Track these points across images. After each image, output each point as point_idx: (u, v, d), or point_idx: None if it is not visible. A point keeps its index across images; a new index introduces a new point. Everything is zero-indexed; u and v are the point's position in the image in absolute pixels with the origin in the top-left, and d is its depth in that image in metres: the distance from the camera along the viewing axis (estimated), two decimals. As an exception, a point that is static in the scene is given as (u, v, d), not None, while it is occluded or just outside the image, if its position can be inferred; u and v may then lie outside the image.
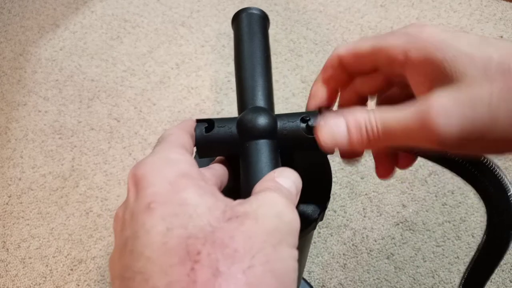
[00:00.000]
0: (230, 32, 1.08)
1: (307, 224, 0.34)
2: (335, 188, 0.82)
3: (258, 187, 0.22)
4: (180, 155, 0.22)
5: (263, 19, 0.34)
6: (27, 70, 1.03)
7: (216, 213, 0.18)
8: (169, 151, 0.22)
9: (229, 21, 0.37)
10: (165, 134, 0.24)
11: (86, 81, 1.00)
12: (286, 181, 0.22)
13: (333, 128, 0.23)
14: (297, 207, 0.34)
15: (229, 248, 0.17)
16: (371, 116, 0.22)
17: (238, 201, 0.20)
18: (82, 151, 0.88)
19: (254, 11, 0.34)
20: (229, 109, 0.94)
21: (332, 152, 0.26)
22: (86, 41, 1.08)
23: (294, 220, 0.19)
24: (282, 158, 0.28)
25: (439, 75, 0.21)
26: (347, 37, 1.07)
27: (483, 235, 0.31)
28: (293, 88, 0.97)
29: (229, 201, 0.20)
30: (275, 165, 0.26)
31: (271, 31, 1.10)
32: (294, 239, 0.19)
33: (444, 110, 0.19)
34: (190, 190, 0.19)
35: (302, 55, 1.03)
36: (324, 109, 0.29)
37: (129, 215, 0.19)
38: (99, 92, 0.98)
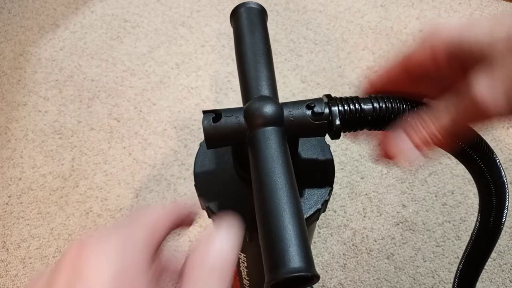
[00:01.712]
0: (230, 32, 1.08)
1: (311, 214, 0.34)
2: (335, 188, 0.82)
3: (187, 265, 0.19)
4: (134, 246, 0.18)
5: (262, 13, 0.35)
6: (27, 70, 1.03)
7: None
8: (128, 237, 0.18)
9: (229, 21, 0.37)
10: (144, 212, 0.21)
11: (86, 81, 1.00)
12: (214, 250, 0.19)
13: (408, 154, 0.26)
14: (302, 195, 0.34)
15: None
16: (431, 127, 0.25)
17: None
18: (82, 151, 0.88)
19: (253, 5, 0.35)
20: (229, 109, 0.94)
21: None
22: (86, 41, 1.08)
23: None
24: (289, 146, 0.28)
25: (469, 60, 0.23)
26: (347, 37, 1.07)
27: (476, 224, 0.32)
28: (293, 88, 0.97)
29: None
30: (283, 152, 0.27)
31: (271, 32, 1.10)
32: None
33: (488, 94, 0.22)
34: None
35: (302, 55, 1.03)
36: (328, 95, 0.29)
37: None
38: (99, 92, 0.98)
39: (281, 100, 0.30)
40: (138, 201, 0.81)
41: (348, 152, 0.86)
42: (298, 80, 0.98)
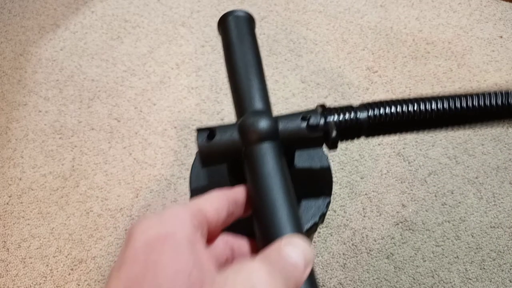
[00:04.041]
0: (230, 32, 1.08)
1: (308, 228, 0.34)
2: (335, 188, 0.82)
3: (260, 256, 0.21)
4: (178, 216, 0.21)
5: (250, 21, 0.34)
6: (27, 70, 1.03)
7: (181, 278, 0.18)
8: (173, 210, 0.21)
9: (217, 29, 0.36)
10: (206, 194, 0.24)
11: (87, 81, 1.00)
12: (294, 250, 0.21)
13: None
14: (299, 208, 0.34)
15: None
16: None
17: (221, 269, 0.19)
18: (82, 151, 0.89)
19: (240, 14, 0.33)
20: (229, 109, 0.94)
21: None
22: (86, 41, 1.08)
23: None
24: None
25: None
26: (347, 37, 1.07)
27: None
28: (293, 88, 0.97)
29: (207, 267, 0.19)
30: (281, 167, 0.26)
31: (271, 32, 1.10)
32: None
33: None
34: (165, 253, 0.19)
35: (302, 55, 1.03)
36: (322, 106, 0.29)
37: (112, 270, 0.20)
38: (99, 92, 0.98)
39: (281, 100, 0.30)
40: (138, 201, 0.82)
41: (348, 152, 0.86)
42: (298, 80, 0.98)
